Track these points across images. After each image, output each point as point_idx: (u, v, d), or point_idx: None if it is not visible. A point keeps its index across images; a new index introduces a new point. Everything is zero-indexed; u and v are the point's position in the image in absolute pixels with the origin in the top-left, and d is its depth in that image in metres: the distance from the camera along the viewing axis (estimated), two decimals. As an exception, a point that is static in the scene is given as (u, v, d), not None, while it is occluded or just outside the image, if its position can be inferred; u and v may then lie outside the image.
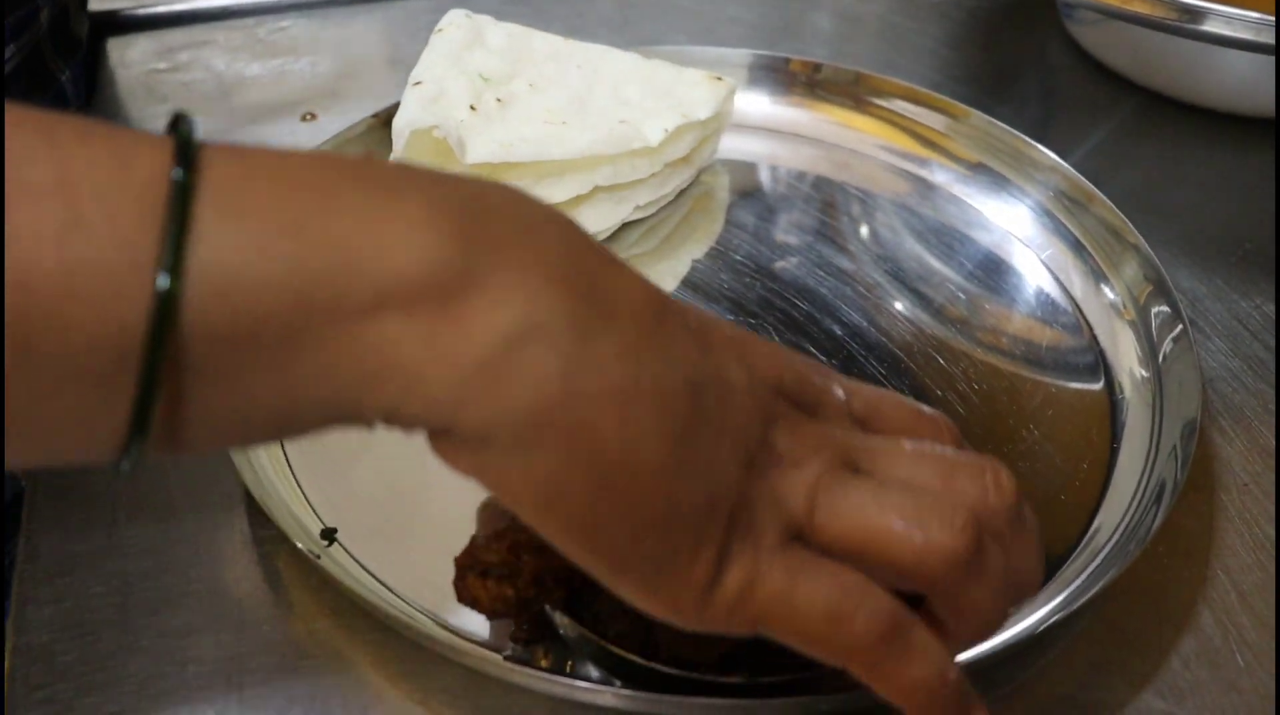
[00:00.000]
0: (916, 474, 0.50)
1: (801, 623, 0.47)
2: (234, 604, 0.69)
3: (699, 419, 0.44)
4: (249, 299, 0.37)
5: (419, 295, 0.39)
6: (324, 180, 0.40)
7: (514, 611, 0.60)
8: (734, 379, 0.46)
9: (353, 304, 0.39)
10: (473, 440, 0.42)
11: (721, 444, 0.45)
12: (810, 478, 0.47)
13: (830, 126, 1.10)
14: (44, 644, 0.67)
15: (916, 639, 0.48)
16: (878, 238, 1.00)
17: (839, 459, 0.48)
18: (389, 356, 0.39)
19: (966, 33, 1.31)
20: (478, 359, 0.40)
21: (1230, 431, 0.83)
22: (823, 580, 0.46)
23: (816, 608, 0.46)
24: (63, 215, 0.35)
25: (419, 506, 0.75)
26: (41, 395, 0.37)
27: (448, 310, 0.39)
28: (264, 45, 1.23)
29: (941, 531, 0.46)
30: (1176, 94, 1.16)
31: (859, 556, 0.47)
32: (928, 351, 0.88)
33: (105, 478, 0.76)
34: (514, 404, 0.41)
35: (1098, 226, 0.95)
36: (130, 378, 0.37)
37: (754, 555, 0.45)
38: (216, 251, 0.37)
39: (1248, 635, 0.71)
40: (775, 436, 0.47)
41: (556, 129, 0.94)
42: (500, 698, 0.65)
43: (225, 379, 0.38)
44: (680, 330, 0.45)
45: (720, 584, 0.45)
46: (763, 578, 0.46)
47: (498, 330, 0.40)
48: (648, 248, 0.98)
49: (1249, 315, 0.94)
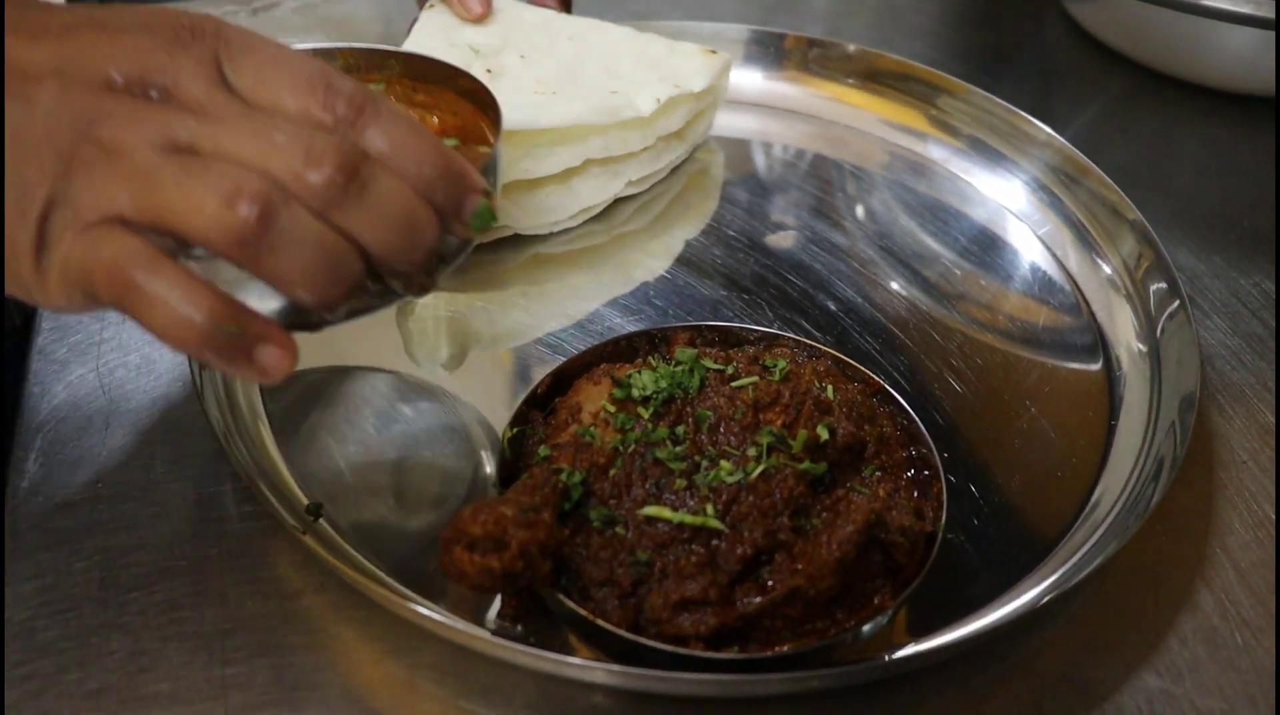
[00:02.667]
0: (238, 149, 0.54)
1: (98, 286, 0.54)
2: (217, 580, 0.68)
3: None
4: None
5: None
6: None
7: (500, 584, 0.59)
8: (38, 97, 0.54)
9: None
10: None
11: (21, 156, 0.53)
12: (126, 167, 0.53)
13: (826, 103, 1.09)
14: (24, 620, 0.66)
15: (153, 286, 0.53)
16: (873, 214, 0.99)
17: (166, 144, 0.54)
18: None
19: (963, 9, 1.30)
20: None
21: (1228, 409, 0.82)
22: (103, 252, 0.53)
23: (99, 274, 0.54)
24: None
25: (404, 483, 0.74)
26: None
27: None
28: (256, 25, 1.22)
29: (218, 212, 0.52)
30: (1173, 70, 1.15)
31: (168, 231, 0.54)
32: (923, 327, 0.87)
33: (87, 453, 0.75)
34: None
35: (1094, 202, 0.95)
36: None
37: (72, 234, 0.54)
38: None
39: (1246, 613, 0.70)
40: (101, 131, 0.54)
41: (547, 98, 0.93)
42: (487, 674, 0.64)
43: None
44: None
45: (47, 266, 0.54)
46: (74, 254, 0.54)
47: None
48: (641, 224, 0.97)
49: (1248, 293, 0.93)
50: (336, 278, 0.56)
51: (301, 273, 0.55)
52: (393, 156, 0.57)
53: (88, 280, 0.54)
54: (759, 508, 0.62)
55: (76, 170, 0.54)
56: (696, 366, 0.70)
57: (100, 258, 0.53)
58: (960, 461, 0.76)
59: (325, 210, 0.55)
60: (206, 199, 0.52)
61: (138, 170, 0.53)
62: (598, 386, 0.70)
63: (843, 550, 0.62)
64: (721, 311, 0.87)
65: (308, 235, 0.54)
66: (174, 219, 0.53)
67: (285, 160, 0.54)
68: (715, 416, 0.67)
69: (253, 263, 0.54)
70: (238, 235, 0.53)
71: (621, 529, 0.63)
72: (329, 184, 0.54)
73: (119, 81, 0.55)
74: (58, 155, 0.54)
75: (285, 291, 0.56)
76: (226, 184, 0.53)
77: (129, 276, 0.53)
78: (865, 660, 0.64)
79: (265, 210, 0.53)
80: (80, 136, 0.54)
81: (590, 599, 0.62)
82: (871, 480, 0.68)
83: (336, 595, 0.68)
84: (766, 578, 0.62)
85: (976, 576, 0.70)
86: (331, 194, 0.55)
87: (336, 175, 0.54)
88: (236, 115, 0.55)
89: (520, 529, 0.59)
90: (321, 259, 0.55)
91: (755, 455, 0.65)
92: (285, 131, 0.55)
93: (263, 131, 0.54)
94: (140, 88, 0.55)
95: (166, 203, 0.53)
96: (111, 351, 0.81)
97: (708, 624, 0.60)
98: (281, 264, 0.54)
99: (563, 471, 0.64)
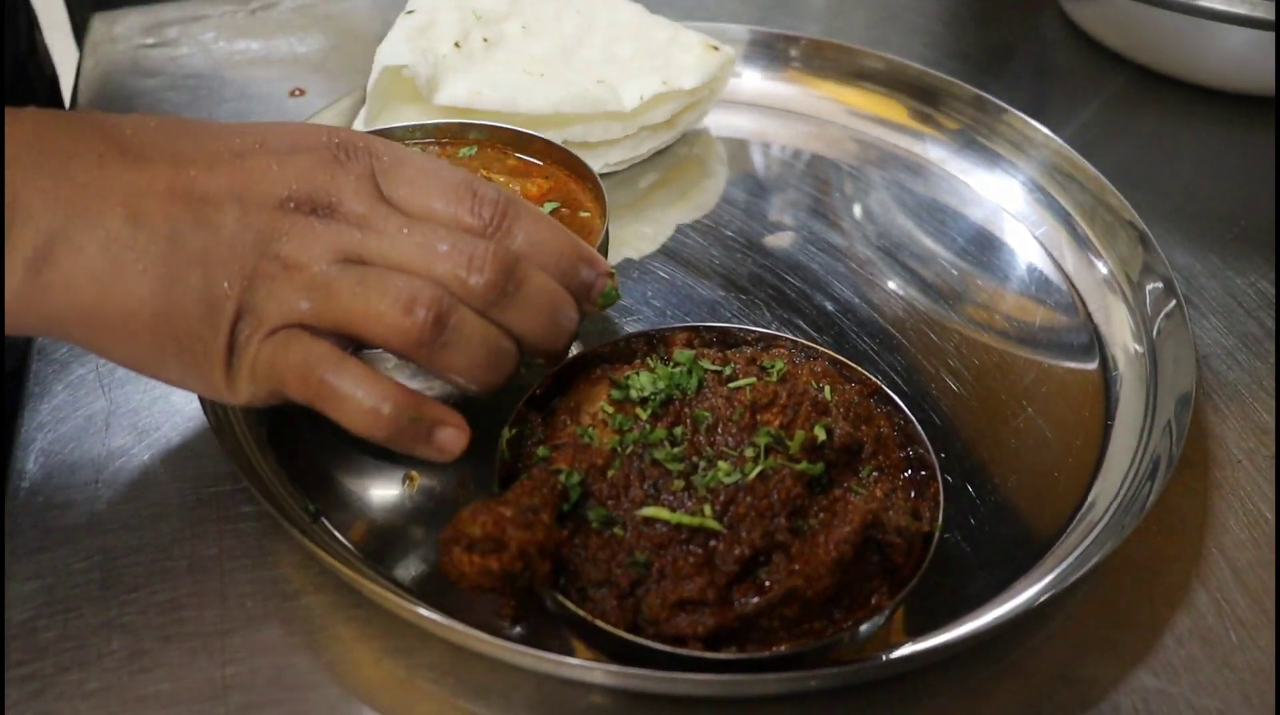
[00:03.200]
0: (405, 259, 0.61)
1: (288, 385, 0.61)
2: (217, 580, 0.69)
3: (181, 263, 0.59)
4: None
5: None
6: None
7: (499, 585, 0.60)
8: (220, 221, 0.60)
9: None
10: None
11: (211, 274, 0.59)
12: (305, 278, 0.60)
13: (823, 102, 1.09)
14: (25, 620, 0.66)
15: (342, 383, 0.60)
16: (870, 213, 0.99)
17: (338, 256, 0.61)
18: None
19: (960, 8, 1.30)
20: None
21: (1224, 408, 0.83)
22: (291, 356, 0.60)
23: (290, 375, 0.60)
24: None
25: (404, 483, 0.74)
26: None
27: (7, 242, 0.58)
28: (254, 21, 1.22)
29: (397, 319, 0.59)
30: (1169, 70, 1.15)
31: (349, 335, 0.61)
32: (920, 327, 0.87)
33: (87, 454, 0.75)
34: (49, 301, 0.59)
35: (1091, 201, 0.95)
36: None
37: (259, 339, 0.60)
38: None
39: (1241, 612, 0.70)
40: (280, 248, 0.60)
41: (532, 80, 0.93)
42: (486, 674, 0.65)
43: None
44: (165, 201, 0.60)
45: (237, 368, 0.61)
46: (262, 357, 0.60)
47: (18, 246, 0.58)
48: (622, 201, 0.98)
49: (1244, 292, 0.93)
50: (499, 366, 0.64)
51: (470, 366, 0.62)
52: (536, 252, 0.64)
53: (278, 380, 0.61)
54: (756, 508, 0.63)
55: (259, 283, 0.60)
56: (694, 367, 0.70)
57: (289, 360, 0.60)
58: (957, 461, 0.77)
59: (487, 309, 0.62)
60: (385, 307, 0.59)
61: (316, 281, 0.60)
62: (596, 387, 0.70)
63: (840, 551, 0.62)
64: (719, 311, 0.88)
65: (474, 334, 0.62)
66: (355, 325, 0.60)
67: (450, 267, 0.61)
68: (713, 417, 0.67)
69: (429, 360, 0.61)
70: (416, 338, 0.60)
71: (620, 529, 0.63)
72: (490, 287, 0.62)
73: (290, 202, 0.62)
74: (242, 271, 0.60)
75: (455, 382, 0.63)
76: (404, 293, 0.60)
77: (318, 376, 0.60)
78: (862, 660, 0.65)
79: (439, 314, 0.60)
80: (261, 253, 0.60)
81: (589, 599, 0.62)
82: (869, 481, 0.68)
83: (336, 595, 0.68)
84: (764, 578, 0.62)
85: (973, 576, 0.71)
86: (492, 295, 0.62)
87: (496, 278, 0.62)
88: (397, 227, 0.62)
89: (519, 530, 0.59)
90: (487, 353, 0.63)
91: (753, 456, 0.65)
92: (446, 240, 0.61)
93: (426, 242, 0.61)
94: (309, 206, 0.62)
95: (347, 311, 0.60)
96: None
97: (706, 624, 0.60)
98: (454, 360, 0.62)
99: (561, 472, 0.64)
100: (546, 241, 0.65)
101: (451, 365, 0.62)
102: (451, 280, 0.61)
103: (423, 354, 0.61)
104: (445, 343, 0.61)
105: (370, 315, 0.60)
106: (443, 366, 0.62)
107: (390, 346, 0.60)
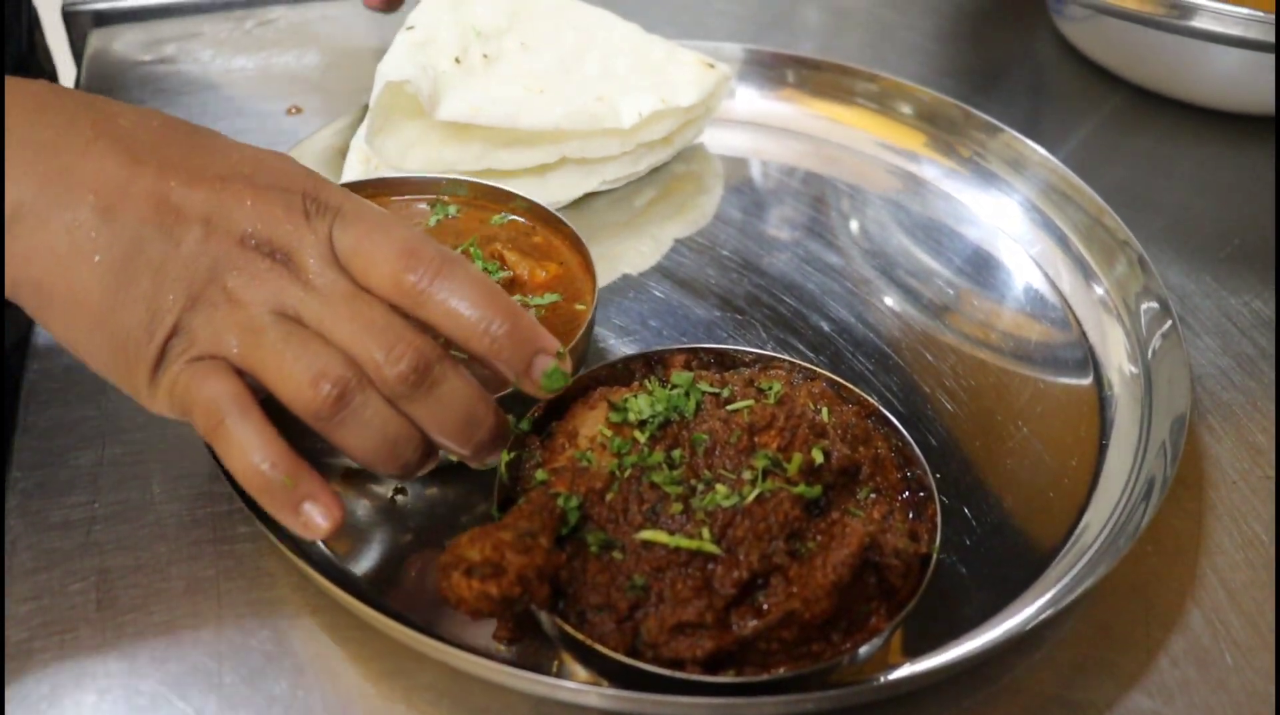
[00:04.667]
0: (334, 330, 0.62)
1: (195, 415, 0.62)
2: (213, 601, 0.69)
3: (137, 266, 0.61)
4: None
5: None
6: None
7: (498, 610, 0.60)
8: (183, 237, 0.62)
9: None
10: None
11: (160, 285, 0.62)
12: (241, 317, 0.62)
13: (819, 121, 1.09)
14: (21, 641, 0.66)
15: (236, 431, 0.62)
16: (866, 233, 0.99)
17: (277, 307, 0.62)
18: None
19: (955, 27, 1.31)
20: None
21: (1219, 429, 0.83)
22: (206, 389, 0.62)
23: (198, 407, 0.62)
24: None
25: (401, 505, 0.74)
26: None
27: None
28: (251, 38, 1.22)
29: (302, 386, 0.61)
30: (1165, 90, 1.15)
31: (263, 385, 0.62)
32: (916, 347, 0.87)
33: (84, 474, 0.75)
34: (9, 265, 0.62)
35: (1087, 223, 0.95)
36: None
37: (185, 361, 0.62)
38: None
39: (1236, 634, 0.70)
40: (229, 280, 0.62)
41: (532, 97, 0.93)
42: (483, 697, 0.65)
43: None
44: (138, 202, 0.62)
45: (159, 379, 0.63)
46: (182, 379, 0.62)
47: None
48: (618, 218, 0.99)
49: (1238, 312, 0.93)
50: (397, 455, 0.64)
51: (365, 449, 0.64)
52: (464, 313, 0.63)
53: (188, 407, 0.63)
54: (755, 531, 0.63)
55: (201, 308, 0.62)
56: (692, 390, 0.70)
57: (202, 392, 0.62)
58: (953, 482, 0.77)
59: (396, 399, 0.63)
60: (297, 372, 0.61)
61: (249, 325, 0.62)
62: (594, 410, 0.71)
63: (838, 573, 0.62)
64: (715, 332, 0.88)
65: (374, 419, 0.63)
66: (268, 378, 0.62)
67: (369, 351, 0.62)
68: (711, 440, 0.67)
69: (326, 434, 0.63)
70: (315, 411, 0.62)
71: (618, 553, 0.63)
72: (400, 378, 0.62)
73: (252, 239, 0.63)
74: (189, 291, 0.62)
75: (354, 459, 0.64)
76: (315, 364, 0.61)
77: (220, 417, 0.62)
78: (860, 683, 0.65)
79: (340, 393, 0.62)
80: (211, 280, 0.62)
81: (588, 622, 0.62)
82: (866, 502, 0.68)
83: (333, 617, 0.68)
84: (762, 601, 0.62)
85: (969, 597, 0.71)
86: (402, 388, 0.63)
87: (410, 373, 0.62)
88: (340, 296, 0.63)
89: (518, 554, 0.59)
90: (383, 440, 0.63)
91: (751, 479, 0.65)
92: (375, 324, 0.63)
93: (357, 319, 0.63)
94: (268, 248, 0.63)
95: (264, 363, 0.62)
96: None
97: (704, 647, 0.60)
98: (350, 439, 0.63)
99: (560, 496, 0.64)
100: (480, 304, 0.64)
101: (346, 444, 0.63)
102: (369, 363, 0.62)
103: (320, 426, 0.62)
104: (343, 421, 0.62)
105: (282, 375, 0.61)
106: (338, 442, 0.63)
107: (293, 410, 0.62)
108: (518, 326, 0.64)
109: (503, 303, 0.64)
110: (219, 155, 0.66)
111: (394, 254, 0.63)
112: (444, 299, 0.63)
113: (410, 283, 0.63)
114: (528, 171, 0.96)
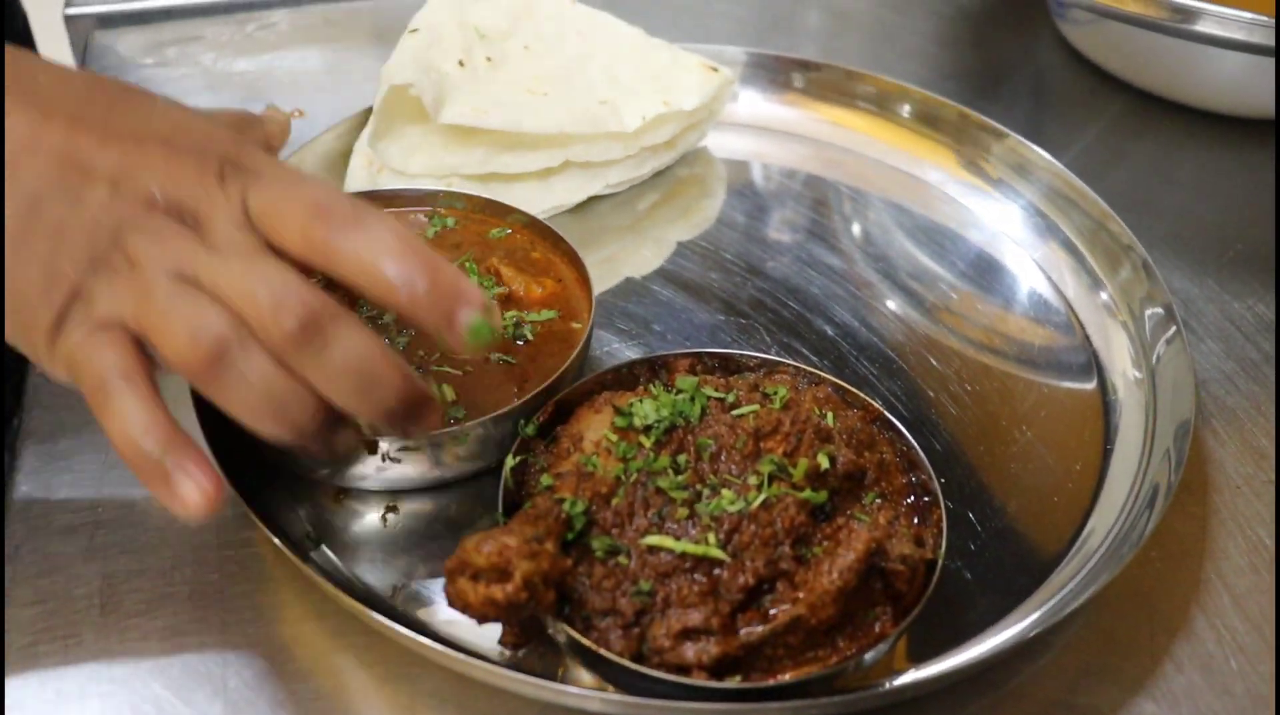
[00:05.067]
0: (226, 288, 0.59)
1: (83, 385, 0.60)
2: (218, 607, 0.68)
3: (35, 228, 0.59)
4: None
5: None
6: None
7: (503, 615, 0.60)
8: (88, 198, 0.59)
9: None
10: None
11: (59, 246, 0.59)
12: (140, 281, 0.59)
13: (822, 125, 1.09)
14: (25, 645, 0.66)
15: (116, 401, 0.59)
16: (869, 237, 0.99)
17: (175, 269, 0.59)
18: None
19: (957, 30, 1.31)
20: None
21: (1223, 433, 0.83)
22: (96, 360, 0.59)
23: (86, 377, 0.59)
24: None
25: (407, 511, 0.74)
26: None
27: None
28: (253, 41, 1.22)
29: (180, 346, 0.58)
30: (1167, 94, 1.15)
31: (153, 348, 0.59)
32: (920, 351, 0.87)
33: (87, 478, 0.75)
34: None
35: (1091, 227, 0.95)
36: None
37: (84, 331, 0.59)
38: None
39: (1241, 639, 0.70)
40: (131, 243, 0.59)
41: (535, 100, 0.93)
42: (488, 702, 0.65)
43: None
44: (43, 159, 0.59)
45: (58, 340, 0.60)
46: (78, 342, 0.59)
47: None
48: (622, 222, 0.99)
49: (1242, 317, 0.93)
50: (285, 417, 0.60)
51: (246, 409, 0.60)
52: (378, 267, 0.60)
53: (79, 378, 0.60)
54: (760, 537, 0.63)
55: (101, 271, 0.59)
56: (697, 395, 0.70)
57: (93, 367, 0.59)
58: (957, 487, 0.77)
59: (284, 358, 0.59)
60: (177, 329, 0.58)
61: (145, 288, 0.59)
62: (599, 415, 0.71)
63: (844, 579, 0.62)
64: (719, 336, 0.88)
65: (257, 378, 0.59)
66: (154, 340, 0.59)
67: (257, 307, 0.58)
68: (716, 445, 0.67)
69: (208, 393, 0.60)
70: (193, 369, 0.58)
71: (624, 558, 0.63)
72: (286, 336, 0.58)
73: (160, 201, 0.60)
74: (90, 254, 0.59)
75: (243, 423, 0.61)
76: (193, 321, 0.58)
77: (106, 382, 0.59)
78: (865, 688, 0.65)
79: (218, 350, 0.58)
80: (113, 242, 0.59)
81: (593, 628, 0.62)
82: (872, 507, 0.68)
83: (337, 622, 0.68)
84: (768, 606, 0.62)
85: (974, 602, 0.71)
86: (287, 345, 0.59)
87: (295, 329, 0.58)
88: (238, 255, 0.60)
89: (524, 559, 0.59)
90: (266, 399, 0.59)
91: (756, 484, 0.65)
92: (268, 279, 0.59)
93: (250, 274, 0.59)
94: (176, 211, 0.60)
95: (153, 326, 0.59)
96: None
97: (710, 653, 0.60)
98: (229, 399, 0.59)
99: (565, 501, 0.64)
100: (395, 253, 0.60)
101: (231, 404, 0.60)
102: (254, 320, 0.59)
103: (200, 386, 0.59)
104: (221, 380, 0.59)
105: (165, 335, 0.58)
106: (224, 404, 0.60)
107: (175, 371, 0.59)
108: (438, 280, 0.61)
109: (422, 255, 0.61)
110: (140, 116, 0.63)
111: (303, 209, 0.60)
112: (356, 253, 0.60)
113: (320, 237, 0.60)
114: (531, 175, 0.95)
